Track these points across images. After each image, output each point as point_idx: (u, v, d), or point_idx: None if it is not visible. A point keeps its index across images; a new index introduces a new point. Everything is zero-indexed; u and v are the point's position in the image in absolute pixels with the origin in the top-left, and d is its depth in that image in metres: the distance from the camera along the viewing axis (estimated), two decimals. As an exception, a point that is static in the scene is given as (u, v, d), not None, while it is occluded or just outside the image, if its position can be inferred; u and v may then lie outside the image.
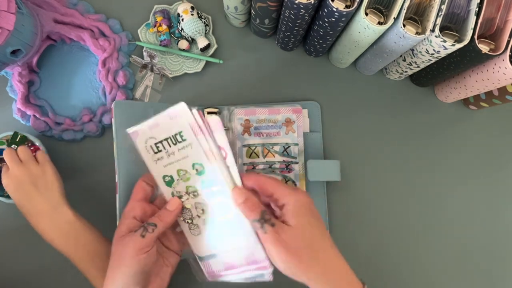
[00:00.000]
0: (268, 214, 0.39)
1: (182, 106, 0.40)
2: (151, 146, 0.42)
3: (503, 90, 0.54)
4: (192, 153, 0.41)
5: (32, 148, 0.57)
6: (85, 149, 0.61)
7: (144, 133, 0.42)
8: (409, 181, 0.62)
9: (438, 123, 0.64)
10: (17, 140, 0.56)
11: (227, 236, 0.43)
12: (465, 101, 0.63)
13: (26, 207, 0.50)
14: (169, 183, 0.43)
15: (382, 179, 0.62)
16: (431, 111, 0.64)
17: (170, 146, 0.42)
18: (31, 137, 0.57)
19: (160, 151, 0.42)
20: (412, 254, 0.61)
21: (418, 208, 0.62)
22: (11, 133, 0.56)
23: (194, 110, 0.40)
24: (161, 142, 0.42)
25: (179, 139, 0.41)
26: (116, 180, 0.49)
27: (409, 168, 0.62)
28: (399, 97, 0.64)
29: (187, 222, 0.43)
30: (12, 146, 0.56)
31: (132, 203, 0.43)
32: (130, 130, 0.43)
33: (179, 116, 0.41)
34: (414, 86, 0.64)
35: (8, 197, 0.57)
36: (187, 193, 0.43)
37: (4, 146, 0.57)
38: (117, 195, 0.48)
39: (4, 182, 0.51)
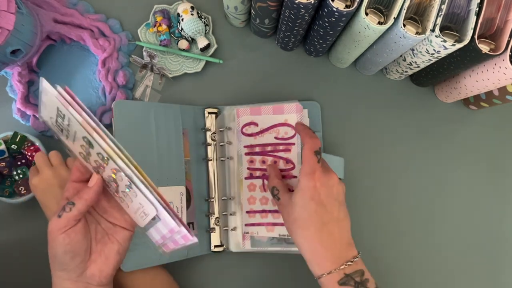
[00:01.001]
0: (276, 189, 0.50)
1: (43, 81, 0.37)
2: (55, 125, 0.40)
3: (503, 90, 0.54)
4: (76, 126, 0.37)
5: (32, 148, 0.57)
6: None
7: (43, 113, 0.40)
8: (408, 181, 0.62)
9: (438, 123, 0.64)
10: (17, 140, 0.56)
11: (142, 206, 0.39)
12: (465, 101, 0.63)
13: (50, 209, 0.51)
14: (85, 158, 0.40)
15: (382, 179, 0.62)
16: (431, 111, 0.64)
17: (63, 123, 0.39)
18: (31, 137, 0.57)
19: (62, 129, 0.40)
20: (411, 251, 0.61)
21: (418, 207, 0.62)
22: (11, 133, 0.56)
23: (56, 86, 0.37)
24: (56, 120, 0.39)
25: (61, 114, 0.38)
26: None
27: (409, 168, 0.62)
28: (399, 97, 0.64)
29: (117, 196, 0.41)
30: (12, 146, 0.56)
31: (67, 184, 0.42)
32: (39, 113, 0.41)
33: (48, 92, 0.37)
34: (414, 86, 0.64)
35: (8, 196, 0.57)
36: (97, 167, 0.39)
37: (3, 147, 0.57)
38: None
39: (33, 183, 0.51)
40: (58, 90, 0.37)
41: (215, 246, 0.57)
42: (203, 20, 0.61)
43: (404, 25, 0.46)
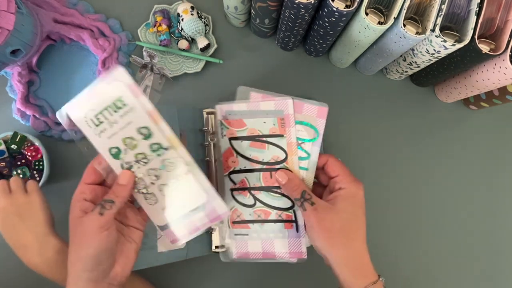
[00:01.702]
0: (308, 194, 0.44)
1: (119, 69, 0.38)
2: (91, 119, 0.40)
3: (503, 90, 0.54)
4: (135, 117, 0.39)
5: (32, 148, 0.57)
6: (85, 149, 0.61)
7: (81, 106, 0.40)
8: (408, 181, 0.62)
9: (438, 123, 0.64)
10: (17, 140, 0.56)
11: (185, 197, 0.42)
12: (465, 101, 0.63)
13: (12, 239, 0.50)
14: (117, 155, 0.41)
15: (382, 179, 0.62)
16: (431, 111, 0.64)
17: (111, 115, 0.39)
18: (31, 137, 0.57)
19: (101, 122, 0.40)
20: (411, 252, 0.61)
21: (418, 207, 0.62)
22: (11, 133, 0.56)
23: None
24: (101, 112, 0.39)
25: (119, 105, 0.39)
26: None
27: (409, 168, 0.62)
28: (399, 97, 0.64)
29: (142, 192, 0.42)
30: (12, 146, 0.56)
31: (81, 186, 0.41)
32: (67, 108, 0.40)
33: (117, 80, 0.38)
34: (414, 86, 0.64)
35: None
36: (137, 161, 0.41)
37: (3, 147, 0.57)
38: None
39: None
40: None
41: (216, 247, 0.57)
42: (203, 20, 0.61)
43: (404, 25, 0.46)
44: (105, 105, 0.39)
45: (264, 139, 0.49)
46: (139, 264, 0.51)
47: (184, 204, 0.42)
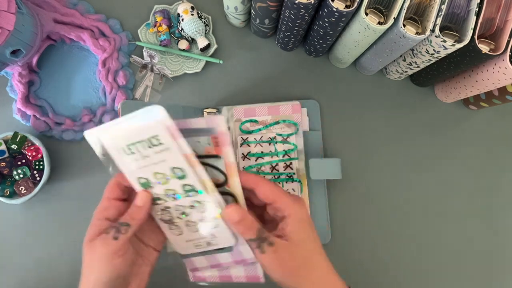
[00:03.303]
0: (265, 232, 0.37)
1: (158, 109, 0.36)
2: (123, 148, 0.37)
3: (503, 90, 0.54)
4: (170, 157, 0.37)
5: (32, 148, 0.57)
6: (85, 149, 0.61)
7: (113, 133, 0.38)
8: (408, 181, 0.62)
9: (438, 123, 0.64)
10: (17, 140, 0.56)
11: (213, 237, 0.40)
12: (465, 101, 0.63)
13: None
14: (145, 185, 0.39)
15: (382, 179, 0.62)
16: (431, 111, 0.64)
17: (145, 149, 0.37)
18: (31, 137, 0.57)
19: (133, 153, 0.37)
20: (411, 251, 0.61)
21: (417, 207, 0.62)
22: (12, 133, 0.56)
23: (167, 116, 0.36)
24: (134, 144, 0.37)
25: (155, 142, 0.37)
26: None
27: (409, 168, 0.62)
28: (399, 97, 0.64)
29: (167, 222, 0.41)
30: (12, 146, 0.56)
31: (105, 202, 0.38)
32: (99, 130, 0.38)
33: (156, 120, 0.36)
34: (414, 86, 0.64)
35: (8, 196, 0.57)
36: (167, 195, 0.39)
37: (3, 147, 0.57)
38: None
39: None
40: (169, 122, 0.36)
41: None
42: (203, 20, 0.61)
43: (404, 25, 0.46)
44: (139, 139, 0.37)
45: (201, 159, 0.40)
46: None
47: (211, 243, 0.41)
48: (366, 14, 0.46)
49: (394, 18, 0.46)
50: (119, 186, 0.39)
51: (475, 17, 0.46)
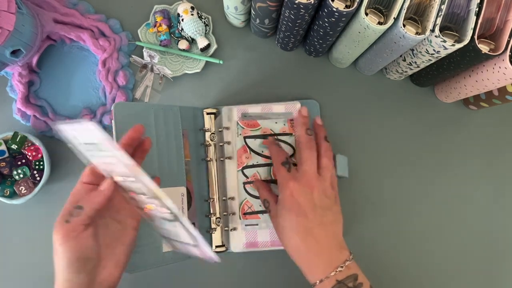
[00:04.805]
0: (266, 202, 0.52)
1: (90, 126, 0.35)
2: (80, 144, 0.38)
3: (503, 90, 0.54)
4: (117, 164, 0.37)
5: (32, 148, 0.57)
6: (85, 149, 0.61)
7: (72, 133, 0.38)
8: (408, 181, 0.62)
9: (438, 123, 0.64)
10: (17, 140, 0.56)
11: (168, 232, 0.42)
12: (465, 101, 0.63)
13: None
14: (109, 175, 0.40)
15: (382, 179, 0.62)
16: (431, 111, 0.64)
17: (98, 150, 0.37)
18: (31, 137, 0.57)
19: (89, 150, 0.38)
20: (411, 251, 0.61)
21: (417, 207, 0.62)
22: (12, 133, 0.56)
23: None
24: (89, 144, 0.38)
25: (102, 148, 0.37)
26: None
27: (409, 168, 0.62)
28: (399, 97, 0.64)
29: (138, 208, 0.41)
30: (13, 146, 0.56)
31: (78, 185, 0.40)
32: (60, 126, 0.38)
33: (90, 130, 0.36)
34: (414, 86, 0.64)
35: (8, 196, 0.57)
36: (129, 189, 0.39)
37: (3, 147, 0.57)
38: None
39: None
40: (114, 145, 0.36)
41: (217, 247, 0.57)
42: (203, 20, 0.61)
43: (404, 25, 0.46)
44: (90, 141, 0.37)
45: (276, 137, 0.58)
46: (144, 265, 0.51)
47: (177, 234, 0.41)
48: (366, 14, 0.46)
49: (394, 18, 0.46)
50: (93, 173, 0.40)
51: (475, 17, 0.46)
